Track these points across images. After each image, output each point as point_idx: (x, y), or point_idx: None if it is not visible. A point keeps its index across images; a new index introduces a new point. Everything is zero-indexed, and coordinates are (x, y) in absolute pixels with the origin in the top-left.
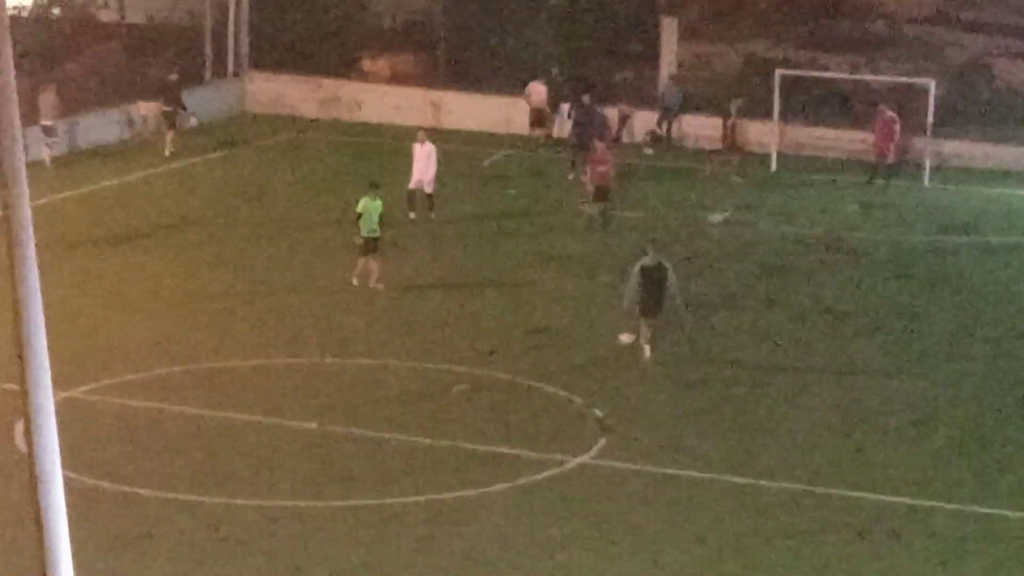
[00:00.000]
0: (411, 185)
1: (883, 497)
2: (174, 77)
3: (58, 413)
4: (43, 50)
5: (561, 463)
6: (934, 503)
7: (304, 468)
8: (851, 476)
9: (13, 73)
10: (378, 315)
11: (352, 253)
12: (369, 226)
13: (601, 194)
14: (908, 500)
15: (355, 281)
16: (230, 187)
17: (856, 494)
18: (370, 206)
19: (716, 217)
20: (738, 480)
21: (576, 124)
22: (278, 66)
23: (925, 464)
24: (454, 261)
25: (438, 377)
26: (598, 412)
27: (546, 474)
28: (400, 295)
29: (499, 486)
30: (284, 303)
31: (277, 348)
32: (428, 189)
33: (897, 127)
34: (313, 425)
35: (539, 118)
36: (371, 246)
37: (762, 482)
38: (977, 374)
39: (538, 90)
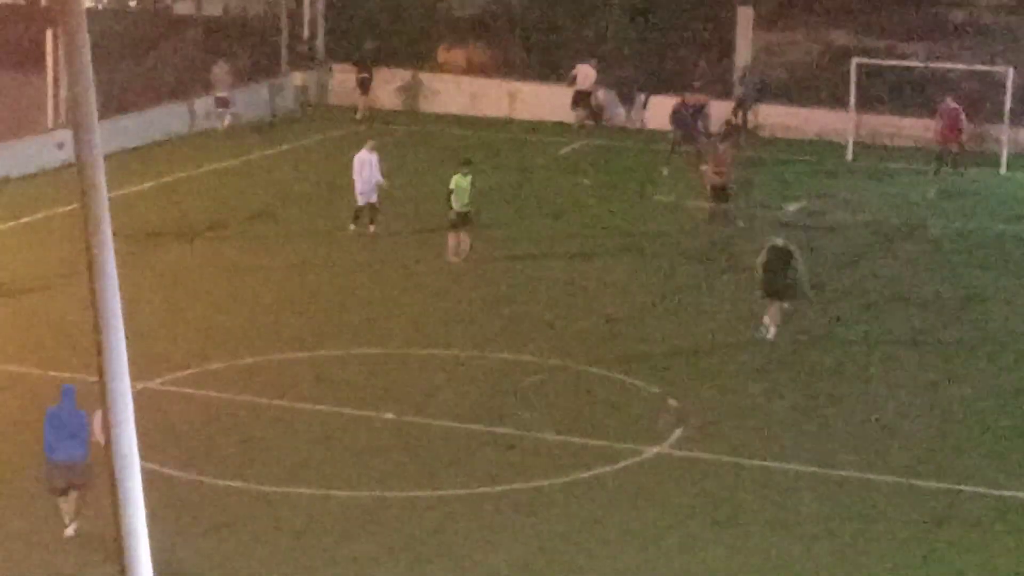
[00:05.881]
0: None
1: (965, 487)
2: (369, 46)
3: (136, 404)
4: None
5: (638, 453)
6: (1017, 492)
7: (381, 459)
8: (931, 466)
9: (90, 64)
10: (453, 305)
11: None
12: (461, 201)
13: (721, 193)
14: (991, 490)
15: (452, 259)
16: (298, 180)
17: (938, 484)
18: (461, 183)
19: (792, 207)
20: (812, 470)
21: (677, 118)
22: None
23: (1009, 453)
24: (528, 250)
25: (512, 367)
26: (674, 402)
27: (623, 464)
28: (474, 285)
29: (575, 475)
30: (353, 293)
31: (349, 339)
32: (372, 199)
33: (963, 117)
34: (390, 415)
35: (582, 100)
36: (462, 220)
37: (840, 472)
38: None
39: (585, 72)
